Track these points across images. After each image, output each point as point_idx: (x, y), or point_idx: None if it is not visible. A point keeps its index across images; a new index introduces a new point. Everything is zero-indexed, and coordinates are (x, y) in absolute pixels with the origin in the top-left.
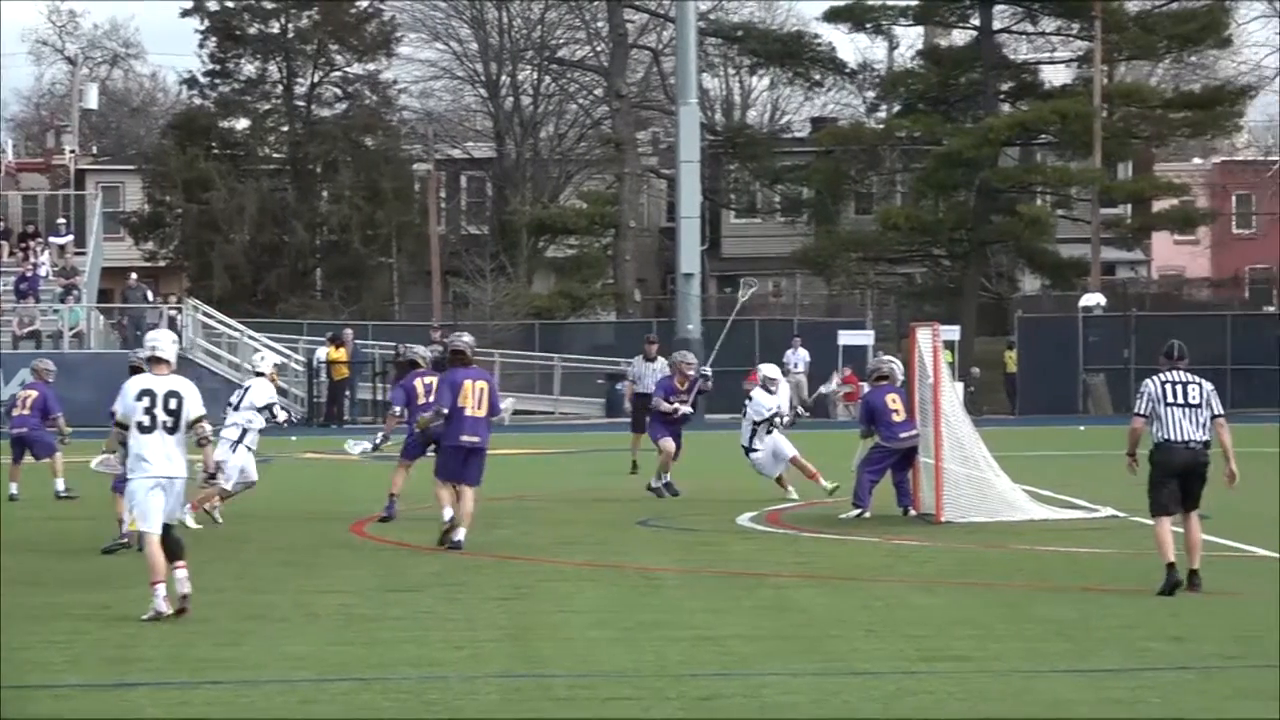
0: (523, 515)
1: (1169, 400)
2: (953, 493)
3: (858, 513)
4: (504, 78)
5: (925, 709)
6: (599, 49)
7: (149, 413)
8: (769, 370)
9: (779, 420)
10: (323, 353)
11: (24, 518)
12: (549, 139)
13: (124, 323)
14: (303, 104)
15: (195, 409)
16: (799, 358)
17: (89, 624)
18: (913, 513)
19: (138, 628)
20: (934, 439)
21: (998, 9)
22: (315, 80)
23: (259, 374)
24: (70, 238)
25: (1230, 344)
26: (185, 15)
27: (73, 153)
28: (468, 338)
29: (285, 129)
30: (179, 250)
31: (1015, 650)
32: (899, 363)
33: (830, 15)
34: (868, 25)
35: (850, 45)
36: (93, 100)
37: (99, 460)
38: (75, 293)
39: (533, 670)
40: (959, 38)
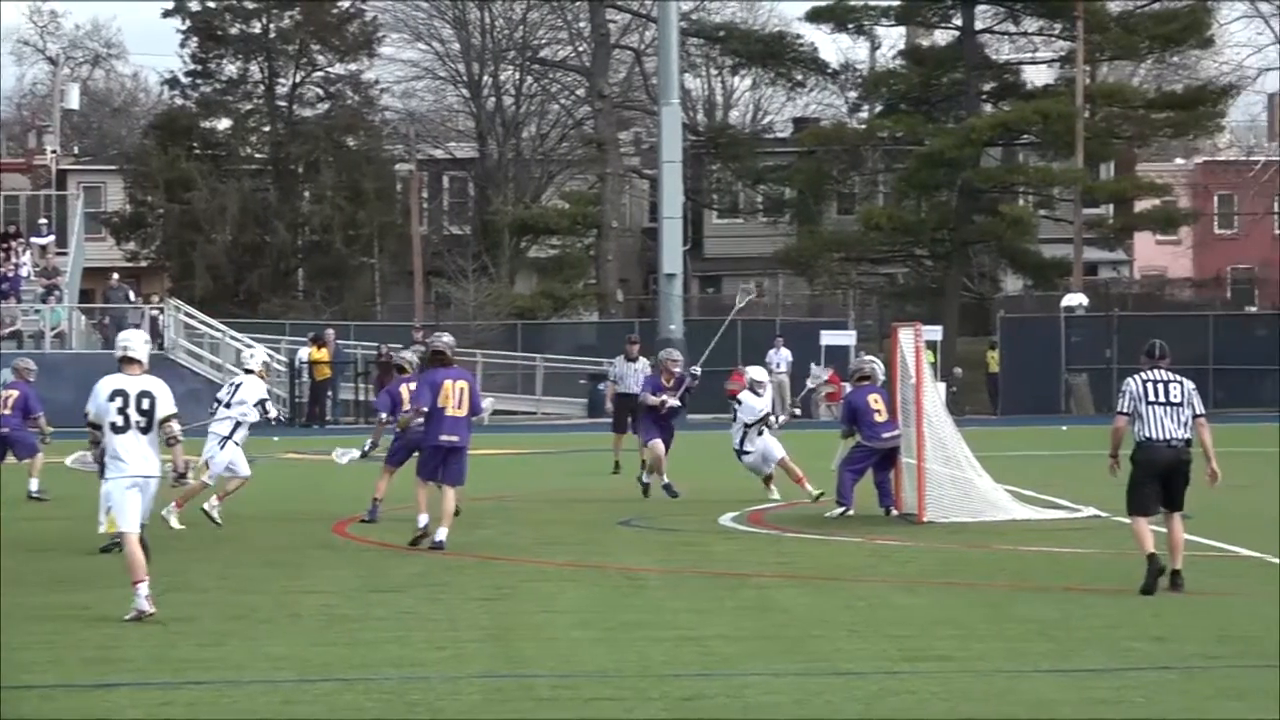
0: (505, 515)
1: (1151, 399)
2: (935, 493)
3: (841, 510)
4: (486, 78)
5: (908, 709)
6: (581, 49)
7: (122, 413)
8: (756, 373)
9: (772, 421)
10: (305, 353)
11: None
12: (531, 139)
13: (105, 323)
14: (284, 104)
15: (166, 408)
16: (781, 358)
17: (70, 624)
18: (895, 513)
19: (119, 628)
20: (916, 439)
21: (980, 9)
22: (297, 80)
23: (249, 371)
24: (52, 238)
25: (1212, 344)
26: (167, 15)
27: (54, 153)
28: (448, 338)
29: (267, 129)
30: (161, 250)
31: (998, 650)
32: (880, 363)
33: (812, 15)
34: (850, 25)
35: (832, 45)
36: (74, 100)
37: (74, 457)
38: (57, 293)
39: (515, 670)
40: (941, 38)
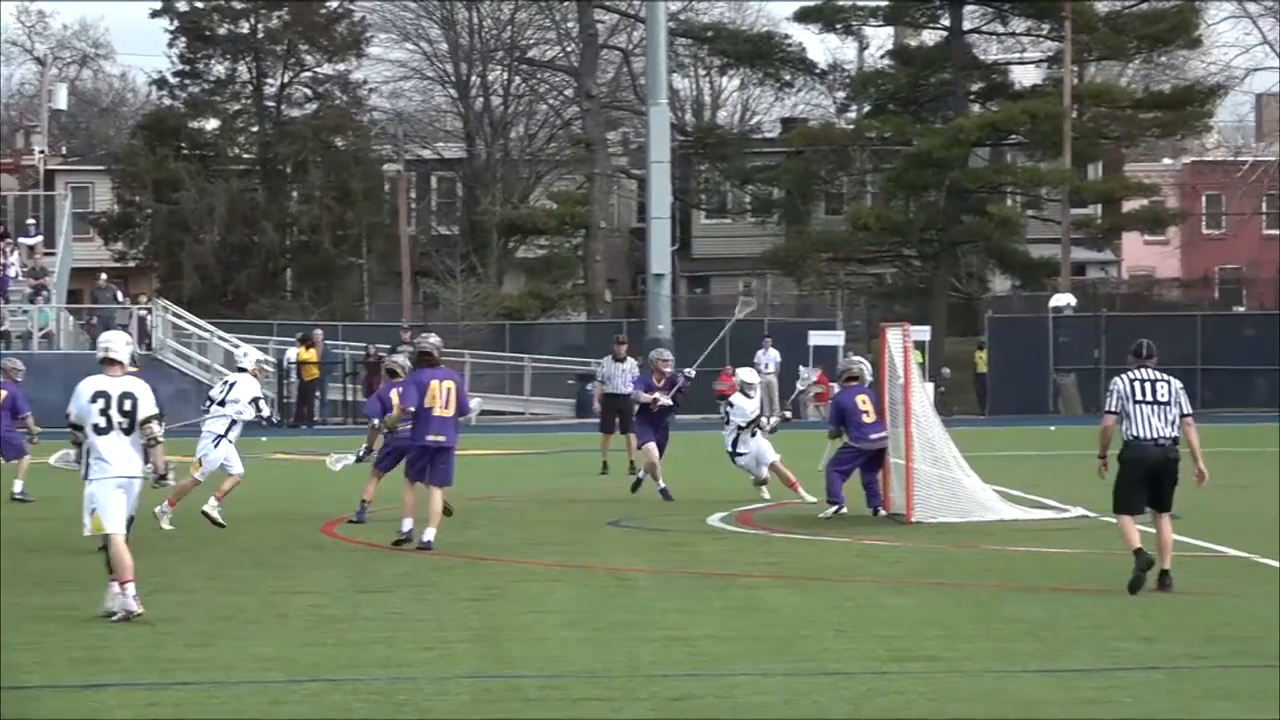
0: (493, 516)
1: (1138, 398)
2: (923, 493)
3: (834, 509)
4: (474, 78)
5: (896, 709)
6: (569, 49)
7: (104, 414)
8: (746, 375)
9: (763, 423)
10: (293, 353)
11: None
12: (519, 139)
13: (93, 323)
14: (272, 104)
15: (147, 409)
16: (770, 358)
17: (57, 625)
18: (883, 513)
19: (107, 628)
20: (904, 439)
21: (968, 9)
22: (285, 80)
23: (242, 370)
24: (39, 238)
25: (1200, 344)
26: (155, 16)
27: (42, 153)
28: (434, 339)
29: (255, 129)
30: (149, 251)
31: (986, 650)
32: (868, 363)
33: (800, 15)
34: (838, 26)
35: (820, 46)
36: (62, 101)
37: (58, 456)
38: (45, 293)
39: (503, 671)
40: (929, 38)
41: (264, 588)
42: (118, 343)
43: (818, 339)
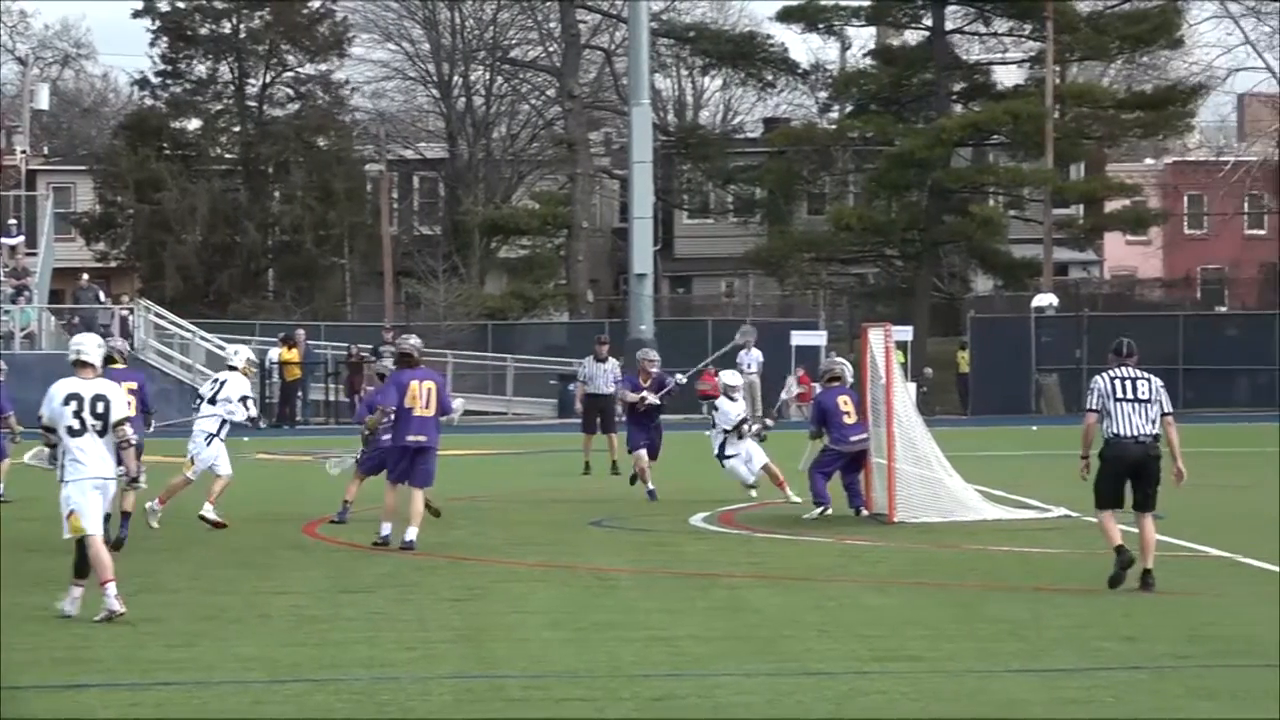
0: (476, 516)
1: (1119, 396)
2: (905, 493)
3: (820, 510)
4: (456, 78)
5: (878, 709)
6: (551, 49)
7: (78, 416)
8: (729, 378)
9: (746, 428)
10: (275, 353)
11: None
12: (501, 139)
13: (75, 323)
14: (254, 104)
15: (120, 412)
16: (752, 358)
17: (40, 625)
18: (865, 513)
19: (89, 629)
20: (887, 439)
21: (950, 9)
22: (267, 80)
23: (232, 368)
24: (21, 238)
25: (1182, 344)
26: (136, 16)
27: (24, 153)
28: (414, 340)
29: (237, 129)
30: (131, 251)
31: (968, 650)
32: (849, 364)
33: (783, 15)
34: (820, 26)
35: (803, 46)
36: (44, 101)
37: (33, 454)
38: (26, 293)
39: (486, 671)
40: (911, 38)
41: (246, 588)
42: (89, 345)
43: (800, 339)
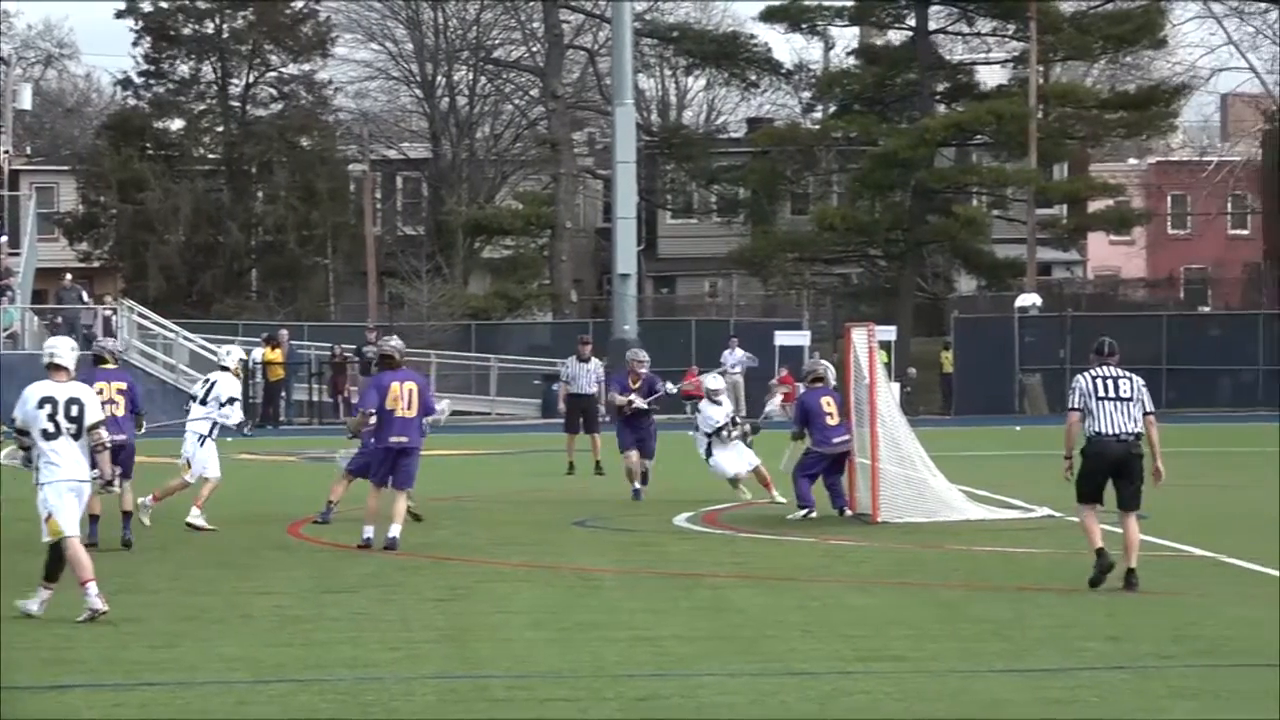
0: (460, 516)
1: (1100, 395)
2: (889, 493)
3: (804, 512)
4: (440, 78)
5: (862, 709)
6: (535, 49)
7: (52, 419)
8: (712, 382)
9: (726, 434)
10: (258, 354)
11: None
12: (485, 139)
13: (58, 323)
14: (238, 104)
15: (94, 415)
16: (736, 358)
17: (23, 626)
18: (849, 513)
19: (72, 629)
20: (870, 439)
21: (933, 9)
22: (250, 80)
23: (224, 368)
24: (4, 239)
25: (1165, 344)
26: (119, 16)
27: (6, 153)
28: (396, 341)
29: (220, 129)
30: (114, 251)
31: (952, 650)
32: (831, 366)
33: (766, 15)
34: (803, 25)
35: (786, 45)
36: (27, 101)
37: (7, 453)
38: (9, 294)
39: (470, 671)
40: (895, 38)
41: (229, 588)
42: (63, 348)
43: (783, 339)
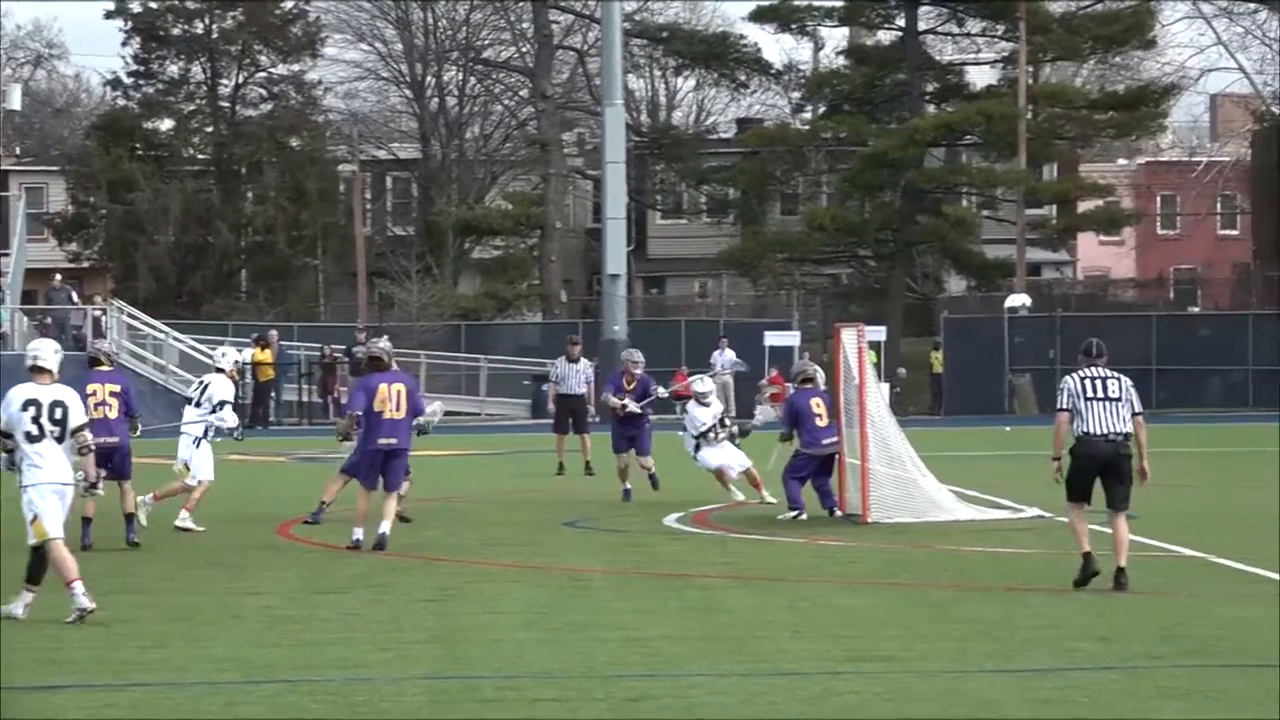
0: (449, 516)
1: (1089, 395)
2: (879, 493)
3: (794, 514)
4: (429, 78)
5: (851, 709)
6: (524, 50)
7: (36, 422)
8: (701, 385)
9: (713, 435)
10: (248, 354)
11: None
12: (474, 140)
13: (48, 324)
14: (227, 105)
15: (78, 418)
16: (726, 359)
17: (13, 626)
18: (839, 513)
19: (62, 630)
20: (860, 440)
21: (923, 10)
22: (240, 81)
23: (219, 370)
24: None
25: (1155, 344)
26: (109, 16)
27: None
28: (384, 343)
29: (210, 130)
30: (103, 251)
31: (941, 650)
32: (820, 368)
33: (756, 16)
34: (793, 26)
35: (776, 46)
36: (16, 101)
37: None
38: None
39: (460, 671)
40: (884, 38)
41: (219, 589)
42: (47, 351)
43: (773, 339)
